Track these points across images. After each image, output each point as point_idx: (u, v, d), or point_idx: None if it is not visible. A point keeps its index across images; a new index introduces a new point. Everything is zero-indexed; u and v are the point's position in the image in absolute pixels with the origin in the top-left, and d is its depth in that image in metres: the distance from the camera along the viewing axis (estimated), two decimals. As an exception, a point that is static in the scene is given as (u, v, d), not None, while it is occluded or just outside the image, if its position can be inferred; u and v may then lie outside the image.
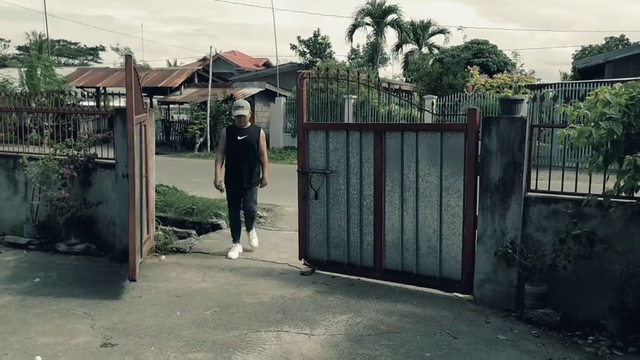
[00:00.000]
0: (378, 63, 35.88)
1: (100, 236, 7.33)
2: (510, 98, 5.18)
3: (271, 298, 5.35)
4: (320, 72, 7.01)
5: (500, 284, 5.20)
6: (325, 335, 4.50)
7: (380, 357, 4.12)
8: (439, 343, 4.39)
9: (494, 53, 28.23)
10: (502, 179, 5.14)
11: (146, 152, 6.57)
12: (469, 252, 5.39)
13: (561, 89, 17.75)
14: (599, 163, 4.37)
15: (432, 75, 26.07)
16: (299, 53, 35.78)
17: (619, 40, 39.16)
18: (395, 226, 5.79)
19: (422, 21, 36.79)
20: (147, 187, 6.68)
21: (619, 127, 4.03)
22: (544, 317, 4.78)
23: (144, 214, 6.39)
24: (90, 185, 7.35)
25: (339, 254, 6.15)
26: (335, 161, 6.09)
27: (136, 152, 5.74)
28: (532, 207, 5.13)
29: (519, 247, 5.04)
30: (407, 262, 5.77)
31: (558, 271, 4.86)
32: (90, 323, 4.71)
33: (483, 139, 5.23)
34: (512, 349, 4.32)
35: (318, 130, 6.27)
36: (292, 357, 4.09)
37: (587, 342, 4.49)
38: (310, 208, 6.27)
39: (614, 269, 4.67)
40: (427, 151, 5.59)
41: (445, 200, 5.52)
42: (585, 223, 4.83)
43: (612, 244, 4.72)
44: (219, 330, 4.57)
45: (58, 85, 20.49)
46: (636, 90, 4.16)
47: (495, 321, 4.89)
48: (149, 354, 4.12)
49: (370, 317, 4.90)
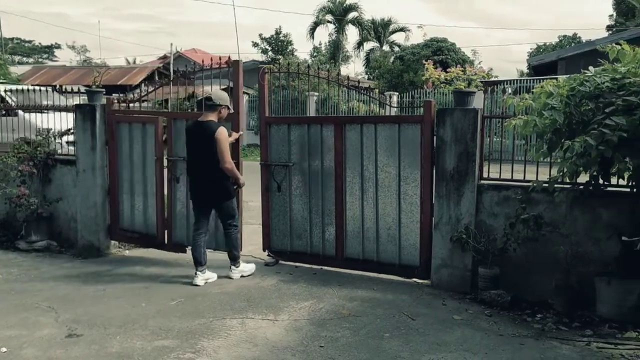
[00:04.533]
0: (340, 61, 36.18)
1: (62, 233, 7.29)
2: (462, 90, 5.44)
3: (236, 288, 5.46)
4: (282, 68, 7.14)
5: (455, 268, 5.45)
6: (289, 320, 4.65)
7: (341, 338, 4.29)
8: (397, 324, 4.59)
9: (453, 51, 28.89)
10: (457, 168, 5.39)
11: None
12: (427, 239, 5.62)
13: (517, 85, 18.36)
14: (544, 151, 4.66)
15: (393, 73, 26.51)
16: (261, 51, 35.74)
17: (572, 38, 40.51)
18: (356, 216, 5.98)
19: (383, 19, 37.26)
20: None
21: (561, 116, 4.31)
22: (496, 298, 5.05)
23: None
24: (51, 181, 7.31)
25: (302, 244, 6.30)
26: (297, 154, 6.24)
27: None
28: (484, 194, 5.39)
29: (473, 233, 5.30)
30: (368, 250, 5.96)
31: (509, 254, 5.14)
32: (55, 316, 4.74)
33: (438, 130, 5.47)
34: (466, 327, 4.56)
35: (280, 123, 6.40)
36: (256, 342, 4.22)
37: (535, 319, 4.77)
38: (274, 200, 6.40)
39: (559, 250, 4.97)
40: (385, 143, 5.79)
41: (404, 190, 5.73)
42: (533, 208, 5.11)
43: (558, 227, 5.03)
44: (184, 319, 4.66)
45: (13, 84, 19.97)
46: (576, 82, 4.45)
47: (451, 303, 5.14)
48: (114, 342, 4.18)
49: (332, 303, 5.07)
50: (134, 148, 6.77)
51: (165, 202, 6.65)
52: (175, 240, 6.68)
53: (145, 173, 6.72)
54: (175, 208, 6.64)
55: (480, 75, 5.23)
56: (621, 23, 30.66)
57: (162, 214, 6.64)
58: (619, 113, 4.05)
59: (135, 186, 6.83)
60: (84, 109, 6.88)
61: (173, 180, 6.54)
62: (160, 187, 6.60)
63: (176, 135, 6.51)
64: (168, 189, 6.62)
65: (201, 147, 5.59)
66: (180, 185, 6.52)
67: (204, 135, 5.55)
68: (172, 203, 6.63)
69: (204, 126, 5.59)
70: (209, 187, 5.64)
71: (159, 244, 6.76)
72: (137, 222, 6.88)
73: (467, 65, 24.61)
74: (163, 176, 6.58)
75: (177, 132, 6.51)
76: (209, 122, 5.59)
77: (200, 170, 5.65)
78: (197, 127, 5.67)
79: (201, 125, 5.62)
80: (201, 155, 5.60)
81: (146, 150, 6.68)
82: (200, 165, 5.63)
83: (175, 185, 6.55)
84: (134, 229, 6.91)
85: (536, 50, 41.30)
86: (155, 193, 6.64)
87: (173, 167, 6.55)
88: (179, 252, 6.63)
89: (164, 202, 6.63)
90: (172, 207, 6.64)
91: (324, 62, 29.94)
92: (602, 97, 4.26)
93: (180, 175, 6.46)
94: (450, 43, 29.30)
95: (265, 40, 35.88)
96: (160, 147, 6.53)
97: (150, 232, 6.78)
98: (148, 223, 6.79)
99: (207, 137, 5.51)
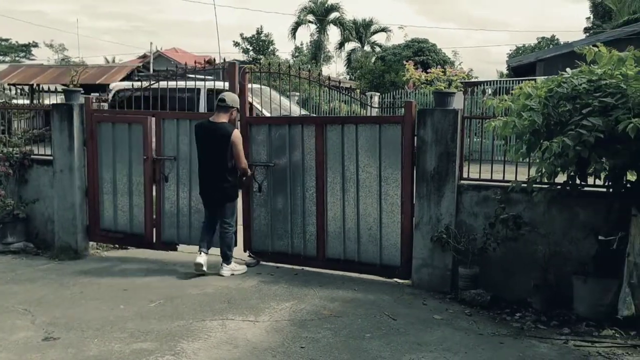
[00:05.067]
0: (322, 61, 36.25)
1: (38, 234, 7.17)
2: (442, 91, 5.48)
3: (216, 289, 5.42)
4: (262, 67, 7.11)
5: (436, 268, 5.48)
6: (270, 321, 4.63)
7: (322, 339, 4.28)
8: (378, 324, 4.60)
9: (434, 51, 29.13)
10: (437, 168, 5.42)
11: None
12: (407, 239, 5.64)
13: (496, 86, 18.55)
14: (523, 151, 4.71)
15: (375, 73, 26.65)
16: (242, 50, 35.67)
17: (550, 40, 41.12)
18: (337, 216, 5.98)
19: (364, 19, 37.44)
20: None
21: (539, 117, 4.36)
22: (476, 297, 5.09)
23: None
24: (27, 182, 7.18)
25: (283, 244, 6.28)
26: (278, 154, 6.22)
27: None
28: (464, 195, 5.43)
29: (453, 233, 5.34)
30: (349, 251, 5.96)
31: (488, 253, 5.19)
32: (31, 319, 4.65)
33: (419, 131, 5.49)
34: (446, 327, 4.59)
35: (261, 124, 6.38)
36: (237, 343, 4.19)
37: (514, 318, 4.82)
38: (255, 201, 6.37)
39: (537, 250, 5.03)
40: (366, 143, 5.80)
41: (385, 190, 5.74)
42: (512, 208, 5.17)
43: (536, 226, 5.09)
44: (163, 321, 4.61)
45: (-12, 82, 19.59)
46: (554, 83, 4.50)
47: (431, 303, 5.16)
48: (92, 346, 4.12)
49: (313, 304, 5.06)
50: (118, 148, 6.70)
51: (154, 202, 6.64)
52: (165, 239, 6.67)
53: (131, 173, 6.68)
54: (164, 207, 6.62)
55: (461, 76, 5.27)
56: (598, 25, 31.15)
57: (151, 213, 6.62)
58: (596, 114, 4.11)
59: (119, 186, 6.76)
60: (61, 108, 6.77)
61: (162, 180, 6.54)
62: (150, 187, 6.58)
63: (165, 135, 6.51)
64: (156, 189, 6.61)
65: (215, 147, 5.71)
66: (170, 184, 6.55)
67: (218, 136, 5.69)
68: (160, 202, 6.61)
69: (218, 127, 5.73)
70: (220, 187, 5.79)
71: (147, 243, 6.73)
72: (121, 222, 6.81)
73: (447, 66, 24.83)
74: (152, 176, 6.56)
75: (166, 132, 6.51)
76: (223, 124, 5.74)
77: (212, 170, 5.78)
78: (210, 127, 5.77)
79: (215, 125, 5.74)
80: (214, 156, 5.74)
81: (132, 149, 6.63)
82: (212, 165, 5.78)
83: (164, 184, 6.56)
84: (117, 229, 6.84)
85: (515, 51, 41.83)
86: (143, 192, 6.62)
87: (162, 166, 6.53)
88: (168, 250, 6.66)
89: (153, 201, 6.61)
90: (161, 206, 6.62)
91: (306, 62, 29.98)
92: (580, 98, 4.31)
93: (169, 174, 6.51)
94: (431, 44, 29.55)
95: (246, 40, 35.80)
96: (149, 147, 6.49)
97: (136, 232, 6.75)
98: (133, 223, 6.74)
99: (222, 138, 5.67)
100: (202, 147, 5.84)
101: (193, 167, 6.35)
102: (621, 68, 4.38)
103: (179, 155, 6.50)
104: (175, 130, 6.48)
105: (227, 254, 5.89)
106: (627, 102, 4.05)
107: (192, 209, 6.50)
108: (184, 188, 6.52)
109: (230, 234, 5.93)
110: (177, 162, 6.51)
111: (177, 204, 6.55)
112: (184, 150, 6.46)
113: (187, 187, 6.49)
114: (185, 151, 6.45)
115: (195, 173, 6.19)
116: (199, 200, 6.22)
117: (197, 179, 6.12)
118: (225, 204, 5.86)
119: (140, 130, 6.53)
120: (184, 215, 6.55)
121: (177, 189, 6.55)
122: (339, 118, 6.27)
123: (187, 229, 6.55)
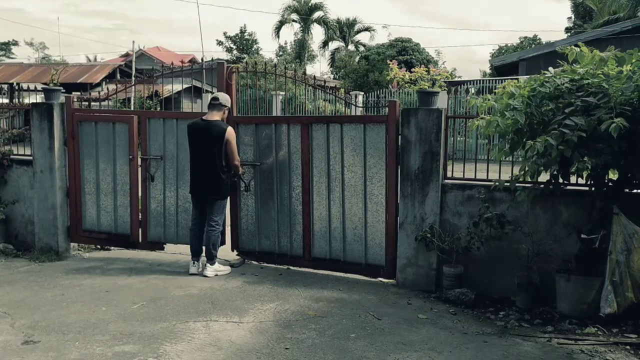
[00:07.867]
0: (306, 60, 36.19)
1: (18, 236, 7.04)
2: (426, 90, 5.48)
3: (200, 290, 5.37)
4: (248, 66, 7.07)
5: (420, 267, 5.48)
6: (254, 322, 4.59)
7: (307, 340, 4.26)
8: (363, 324, 4.59)
9: (418, 51, 29.22)
10: (421, 168, 5.42)
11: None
12: (392, 238, 5.64)
13: (480, 85, 18.67)
14: (506, 150, 4.73)
15: (359, 72, 26.65)
16: (226, 49, 35.49)
17: (532, 39, 41.48)
18: (323, 215, 5.96)
19: (348, 19, 37.47)
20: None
21: (522, 116, 4.38)
22: (460, 296, 5.10)
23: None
24: (6, 183, 7.05)
25: (270, 244, 6.25)
26: (265, 153, 6.19)
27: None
28: (448, 194, 5.44)
29: (438, 232, 5.34)
30: (334, 250, 5.95)
31: (472, 252, 5.20)
32: (10, 322, 4.56)
33: (403, 130, 5.49)
34: (431, 326, 4.59)
35: (247, 123, 6.34)
36: (221, 344, 4.15)
37: (498, 316, 4.84)
38: (242, 200, 6.33)
39: (521, 248, 5.05)
40: (352, 142, 5.79)
41: (370, 189, 5.74)
42: (496, 207, 5.19)
43: (520, 225, 5.12)
44: (146, 323, 4.55)
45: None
46: (537, 83, 4.52)
47: (416, 302, 5.17)
48: (73, 349, 4.05)
49: (298, 304, 5.03)
50: (101, 147, 6.62)
51: (140, 201, 6.58)
52: (151, 239, 6.62)
53: (115, 172, 6.61)
54: (150, 206, 6.56)
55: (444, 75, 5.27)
56: (579, 25, 31.56)
57: (137, 212, 6.56)
58: (578, 113, 4.14)
59: (102, 186, 6.68)
60: (41, 107, 6.65)
61: (148, 179, 6.50)
62: (135, 186, 6.53)
63: (151, 135, 6.47)
64: (142, 188, 6.56)
65: (209, 145, 5.69)
66: (156, 184, 6.52)
67: (212, 134, 5.68)
68: (147, 201, 6.56)
69: (212, 125, 5.72)
70: (213, 184, 5.76)
71: (133, 243, 6.67)
72: (104, 223, 6.73)
73: (431, 65, 24.95)
74: (138, 175, 6.51)
75: (152, 132, 6.47)
76: (217, 122, 5.75)
77: (205, 168, 5.74)
78: (205, 125, 5.75)
79: (210, 124, 5.74)
80: (208, 153, 5.70)
81: (116, 149, 6.55)
82: (206, 163, 5.74)
83: (150, 183, 6.52)
84: (101, 229, 6.76)
85: (498, 51, 42.15)
86: (129, 192, 6.56)
87: (148, 165, 6.48)
88: (155, 249, 6.63)
89: (139, 200, 6.55)
90: (147, 205, 6.57)
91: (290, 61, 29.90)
92: (562, 97, 4.34)
93: (155, 173, 6.48)
94: (415, 43, 29.64)
95: (230, 39, 35.62)
96: (135, 146, 6.42)
97: (121, 232, 6.69)
98: (118, 223, 6.68)
99: (217, 136, 5.67)
100: (196, 145, 5.80)
101: (180, 166, 6.35)
102: (603, 68, 4.42)
103: (165, 155, 6.45)
104: (162, 130, 6.44)
105: (212, 254, 5.84)
106: (609, 102, 4.09)
107: (179, 207, 6.47)
108: (170, 187, 6.48)
109: (217, 232, 5.89)
110: (163, 161, 6.46)
111: (164, 203, 6.52)
112: (171, 150, 6.42)
113: (174, 186, 6.46)
114: (171, 150, 6.41)
115: (182, 172, 6.25)
116: (187, 199, 6.20)
117: (184, 178, 6.19)
118: (216, 201, 5.81)
119: (126, 129, 6.46)
120: (171, 214, 6.51)
121: (163, 188, 6.51)
122: (325, 117, 6.25)
123: (174, 227, 6.52)
